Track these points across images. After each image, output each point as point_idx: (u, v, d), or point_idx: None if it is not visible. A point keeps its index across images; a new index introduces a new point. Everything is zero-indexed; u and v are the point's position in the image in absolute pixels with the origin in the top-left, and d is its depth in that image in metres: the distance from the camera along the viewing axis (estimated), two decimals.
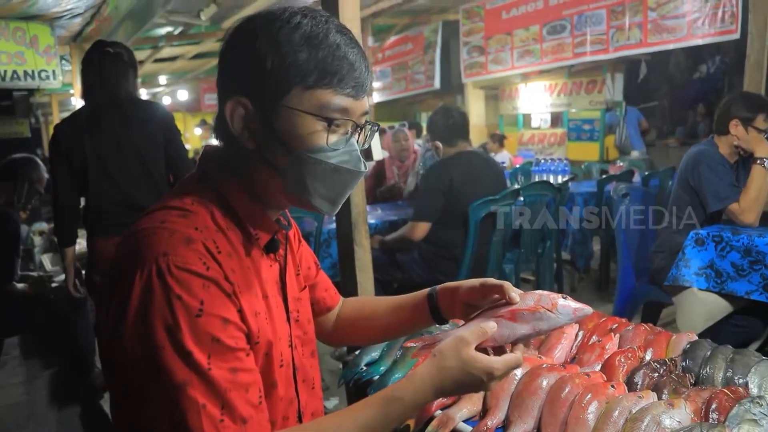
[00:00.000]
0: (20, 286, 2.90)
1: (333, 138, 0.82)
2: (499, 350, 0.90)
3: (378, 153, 1.84)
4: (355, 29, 1.81)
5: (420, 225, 2.78)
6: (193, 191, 0.84)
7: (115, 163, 2.25)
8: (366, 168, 0.88)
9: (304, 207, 0.88)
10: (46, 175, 3.09)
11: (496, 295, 0.95)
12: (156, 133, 2.30)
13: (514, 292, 0.92)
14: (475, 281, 0.99)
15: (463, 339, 0.85)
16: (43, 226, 5.41)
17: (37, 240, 5.06)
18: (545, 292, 0.93)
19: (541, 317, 0.90)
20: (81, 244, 4.72)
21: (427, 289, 1.08)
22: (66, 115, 2.47)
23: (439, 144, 2.87)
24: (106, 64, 2.26)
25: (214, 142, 0.92)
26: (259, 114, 0.81)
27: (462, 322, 0.98)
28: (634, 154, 6.73)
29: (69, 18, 4.97)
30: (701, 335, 1.44)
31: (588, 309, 0.93)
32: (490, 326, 0.88)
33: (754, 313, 2.21)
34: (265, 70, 0.79)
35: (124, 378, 0.75)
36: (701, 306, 2.19)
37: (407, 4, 6.67)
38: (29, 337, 3.63)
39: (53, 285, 3.17)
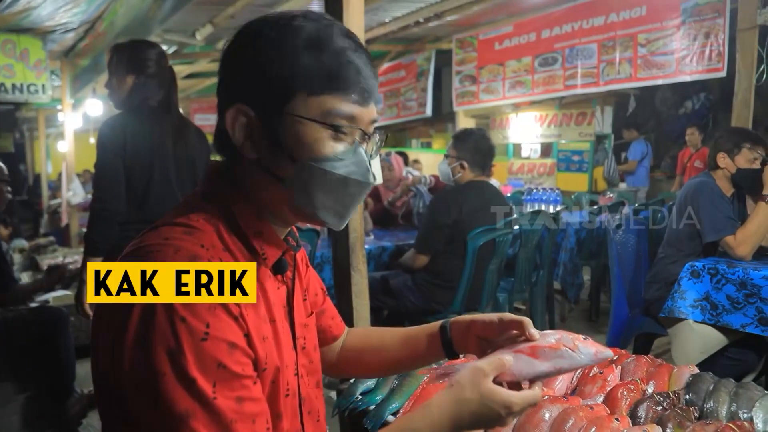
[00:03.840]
0: (26, 282, 2.77)
1: (339, 147, 0.78)
2: (515, 386, 0.86)
3: (379, 176, 1.81)
4: None
5: (421, 257, 2.76)
6: (199, 208, 0.79)
7: (175, 174, 2.23)
8: (375, 180, 0.84)
9: (310, 221, 0.85)
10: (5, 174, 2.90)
11: (514, 332, 0.91)
12: (203, 149, 2.35)
13: (534, 330, 0.89)
14: (492, 316, 0.95)
15: (481, 370, 0.81)
16: (23, 243, 5.31)
17: (17, 258, 4.96)
18: (566, 332, 0.89)
19: (562, 355, 0.86)
20: (64, 263, 4.62)
21: (439, 322, 1.03)
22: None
23: (465, 164, 2.82)
24: (164, 72, 2.27)
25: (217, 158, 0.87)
26: (261, 122, 0.77)
27: (475, 357, 0.94)
28: (622, 186, 6.81)
29: (62, 32, 4.93)
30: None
31: (609, 352, 0.90)
32: (507, 359, 0.84)
33: (749, 345, 2.21)
34: (266, 76, 0.76)
35: (120, 407, 0.69)
36: (697, 338, 2.18)
37: (402, 31, 6.75)
38: (4, 358, 3.50)
39: (32, 305, 3.07)
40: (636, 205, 4.28)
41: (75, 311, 2.53)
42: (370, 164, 0.82)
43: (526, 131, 8.70)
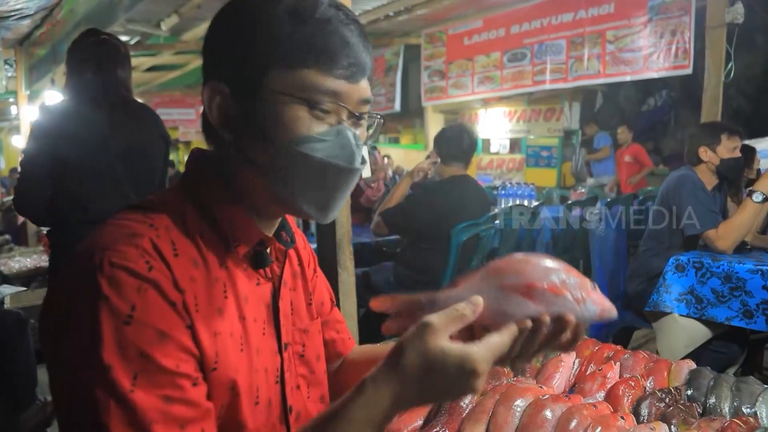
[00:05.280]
0: None
1: (320, 127, 0.69)
2: (480, 332, 0.66)
3: (367, 170, 1.75)
4: None
5: (380, 225, 2.76)
6: (170, 191, 0.75)
7: (123, 169, 2.07)
8: (361, 165, 0.73)
9: (292, 212, 0.76)
10: None
11: None
12: (159, 141, 2.21)
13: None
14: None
15: (429, 327, 0.61)
16: None
17: None
18: (574, 274, 0.68)
19: (564, 305, 0.66)
20: (20, 262, 4.41)
21: None
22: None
23: (437, 157, 2.83)
24: (105, 58, 2.07)
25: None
26: (236, 99, 0.70)
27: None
28: (590, 181, 6.92)
29: (17, 19, 4.67)
30: None
31: (614, 313, 0.70)
32: (469, 307, 0.63)
33: (732, 338, 2.24)
34: (242, 49, 0.69)
35: (55, 403, 0.63)
36: (682, 332, 2.20)
37: (370, 26, 6.68)
38: None
39: None
40: (608, 199, 4.32)
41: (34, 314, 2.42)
42: (358, 148, 0.72)
43: (495, 126, 8.77)
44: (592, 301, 0.67)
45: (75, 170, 2.01)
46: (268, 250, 0.79)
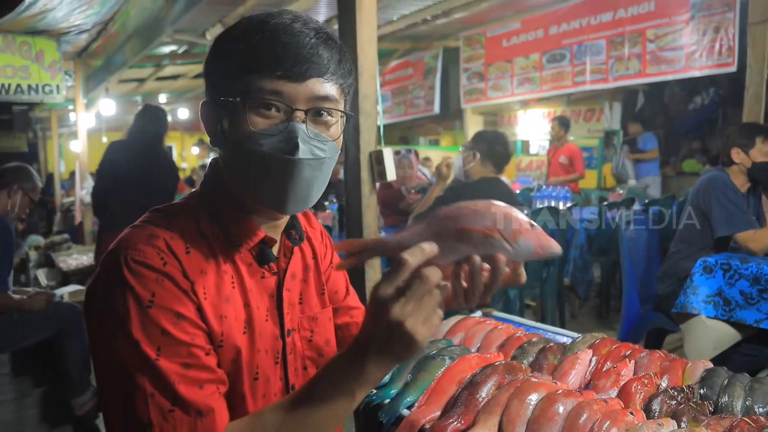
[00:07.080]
0: (16, 297, 2.83)
1: (266, 123, 0.77)
2: None
3: (392, 173, 1.83)
4: (372, 50, 1.82)
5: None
6: (189, 198, 0.88)
7: (144, 186, 3.42)
8: (307, 156, 0.78)
9: (265, 207, 0.84)
10: (39, 184, 3.12)
11: None
12: (171, 172, 3.79)
13: None
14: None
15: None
16: (39, 240, 5.36)
17: (32, 254, 5.02)
18: (511, 215, 0.70)
19: (493, 245, 0.69)
20: (78, 259, 4.68)
21: None
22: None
23: (477, 154, 2.87)
24: (149, 119, 3.62)
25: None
26: (213, 114, 0.83)
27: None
28: (631, 182, 6.78)
29: (76, 34, 4.98)
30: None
31: (555, 248, 0.71)
32: (410, 257, 0.67)
33: (763, 341, 2.20)
34: (213, 70, 0.82)
35: (96, 374, 0.78)
36: (710, 334, 2.18)
37: (409, 29, 6.75)
38: (20, 354, 3.54)
39: (53, 300, 3.10)
40: (646, 201, 4.26)
41: None
42: (306, 141, 0.78)
43: (534, 128, 8.68)
44: (526, 239, 0.69)
45: (116, 186, 3.48)
46: (276, 248, 0.91)
